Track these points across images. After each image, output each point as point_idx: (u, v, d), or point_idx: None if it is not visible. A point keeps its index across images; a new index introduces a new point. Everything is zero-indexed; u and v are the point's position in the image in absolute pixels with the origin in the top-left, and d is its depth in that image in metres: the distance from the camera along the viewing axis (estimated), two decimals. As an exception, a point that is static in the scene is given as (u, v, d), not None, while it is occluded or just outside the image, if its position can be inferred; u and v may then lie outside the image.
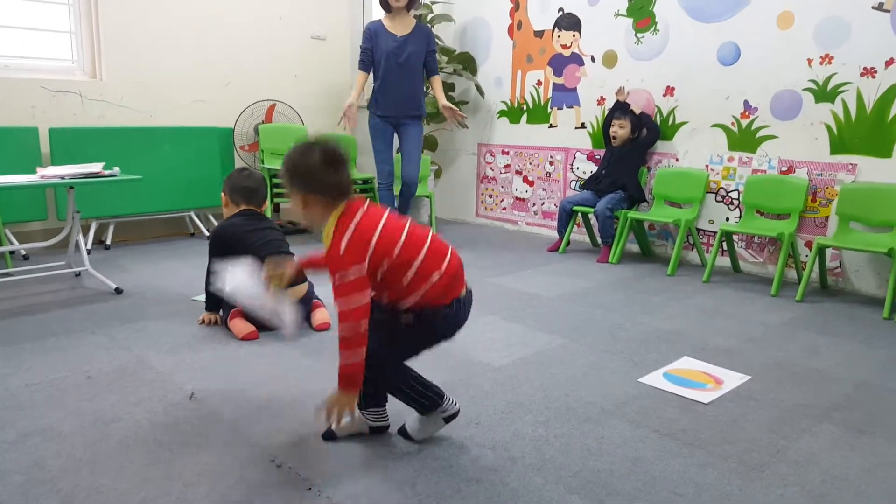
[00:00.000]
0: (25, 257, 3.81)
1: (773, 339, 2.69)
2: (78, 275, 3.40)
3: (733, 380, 2.25)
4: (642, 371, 2.31)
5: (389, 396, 1.79)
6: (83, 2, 4.19)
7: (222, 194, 2.78)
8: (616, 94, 4.24)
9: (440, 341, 1.69)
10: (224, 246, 2.62)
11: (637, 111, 4.15)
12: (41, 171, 3.00)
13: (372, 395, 1.77)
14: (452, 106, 4.13)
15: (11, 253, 3.64)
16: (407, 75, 4.06)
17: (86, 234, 4.01)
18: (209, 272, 2.67)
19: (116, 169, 3.09)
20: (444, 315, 1.63)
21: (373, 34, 4.04)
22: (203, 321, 2.73)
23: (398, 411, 1.83)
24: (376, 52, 4.04)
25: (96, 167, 3.07)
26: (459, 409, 1.79)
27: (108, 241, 4.16)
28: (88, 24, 4.22)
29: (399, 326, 1.63)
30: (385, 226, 1.60)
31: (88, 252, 3.32)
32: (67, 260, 3.32)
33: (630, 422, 1.92)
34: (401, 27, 4.05)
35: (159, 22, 4.39)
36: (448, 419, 1.76)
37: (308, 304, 2.72)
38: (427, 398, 1.72)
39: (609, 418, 1.94)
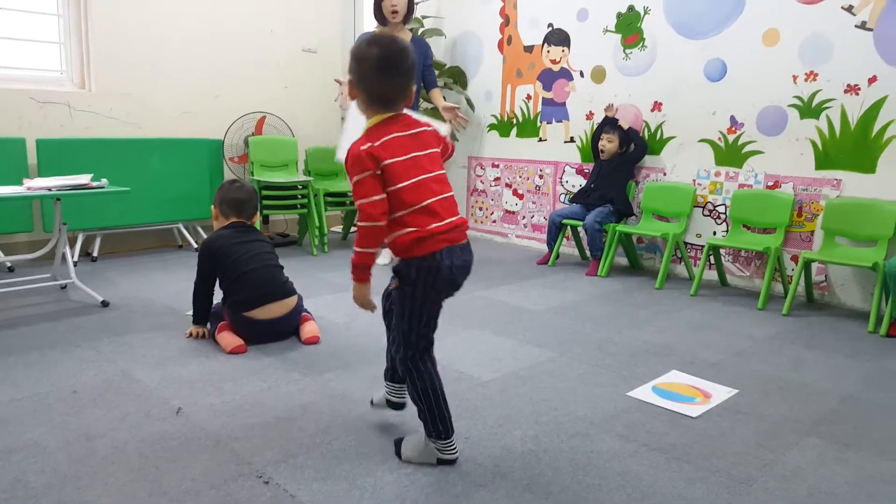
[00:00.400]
0: (11, 269, 3.77)
1: (760, 353, 2.71)
2: (64, 287, 3.37)
3: (721, 393, 2.26)
4: (631, 385, 2.31)
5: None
6: (73, 13, 4.19)
7: (213, 206, 2.77)
8: (605, 110, 4.28)
9: (432, 297, 1.66)
10: (212, 258, 2.61)
11: (625, 126, 4.19)
12: (28, 183, 2.98)
13: (394, 371, 1.87)
14: (454, 105, 3.90)
15: (-4, 265, 3.60)
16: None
17: (72, 246, 3.98)
18: (197, 285, 2.66)
19: (104, 181, 3.08)
20: (416, 266, 1.62)
21: None
22: (190, 335, 2.71)
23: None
24: None
25: (84, 179, 3.05)
26: (456, 459, 1.75)
27: (95, 254, 4.12)
28: (78, 35, 4.22)
29: (398, 300, 1.68)
30: (401, 161, 1.59)
31: (75, 264, 3.29)
32: (53, 272, 3.30)
33: (619, 436, 1.92)
34: None
35: (149, 33, 4.39)
36: (440, 462, 1.73)
37: (297, 316, 2.71)
38: (440, 422, 1.71)
39: (598, 433, 1.94)
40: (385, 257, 4.11)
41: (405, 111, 1.68)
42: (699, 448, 1.86)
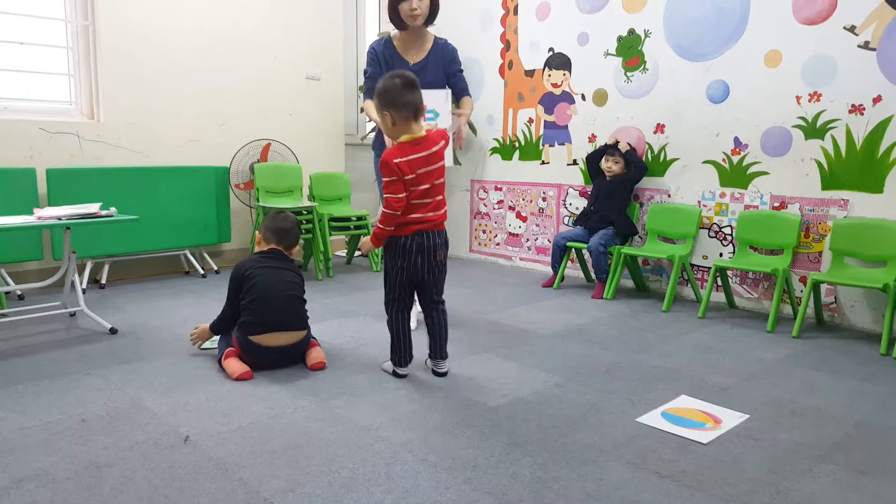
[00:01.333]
0: (21, 297, 3.79)
1: (770, 377, 2.69)
2: (73, 315, 3.38)
3: (732, 419, 2.24)
4: (640, 410, 2.29)
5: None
6: (82, 46, 4.26)
7: (257, 233, 2.89)
8: (618, 144, 4.27)
9: (403, 266, 2.45)
10: (238, 280, 2.66)
11: (623, 149, 4.21)
12: (38, 212, 3.00)
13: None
14: (466, 134, 3.43)
15: (7, 293, 3.62)
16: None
17: (81, 273, 4.00)
18: (225, 308, 2.71)
19: (113, 209, 3.10)
20: (400, 243, 2.42)
21: (380, 58, 3.24)
22: (194, 334, 2.85)
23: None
24: None
25: (93, 208, 3.08)
26: (406, 376, 2.57)
27: (104, 280, 4.14)
28: (87, 67, 4.28)
29: (385, 264, 2.52)
30: (420, 173, 2.35)
31: (84, 291, 3.31)
32: (63, 300, 3.31)
33: (629, 463, 1.90)
34: (415, 50, 3.27)
35: (155, 64, 4.46)
36: (394, 374, 2.58)
37: (304, 345, 2.71)
38: (396, 353, 2.57)
39: (608, 460, 1.92)
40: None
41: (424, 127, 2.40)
42: (711, 475, 1.84)
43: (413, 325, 3.48)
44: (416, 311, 3.29)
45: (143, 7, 4.35)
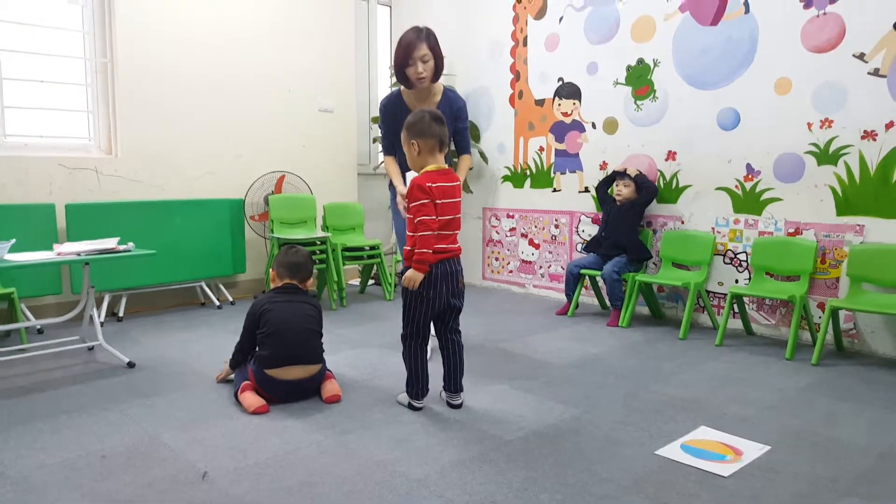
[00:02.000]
0: (40, 331, 3.83)
1: (791, 407, 2.65)
2: (91, 349, 3.41)
3: (753, 451, 2.21)
4: (659, 443, 2.27)
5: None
6: (101, 83, 4.36)
7: (271, 270, 2.91)
8: (627, 170, 4.29)
9: (430, 295, 2.47)
10: (255, 315, 2.68)
11: (633, 174, 4.22)
12: (58, 248, 3.05)
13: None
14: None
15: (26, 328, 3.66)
16: None
17: (99, 307, 4.04)
18: (240, 342, 2.74)
19: (131, 244, 3.14)
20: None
21: (390, 111, 3.31)
22: (220, 378, 2.90)
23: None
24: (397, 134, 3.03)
25: (111, 242, 3.13)
26: (421, 409, 2.59)
27: (121, 314, 4.19)
28: (105, 104, 4.38)
29: (405, 296, 2.54)
30: (447, 203, 2.45)
31: (102, 324, 3.34)
32: (81, 334, 3.35)
33: (649, 498, 1.88)
34: (424, 103, 3.29)
35: (172, 99, 4.55)
36: (410, 406, 2.60)
37: (319, 378, 2.71)
38: (414, 387, 2.59)
39: (627, 495, 1.90)
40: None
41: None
42: (733, 510, 1.81)
43: (428, 355, 3.53)
44: (431, 342, 3.21)
45: (160, 45, 4.46)
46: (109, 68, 4.35)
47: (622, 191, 4.22)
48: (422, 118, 2.48)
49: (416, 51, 3.11)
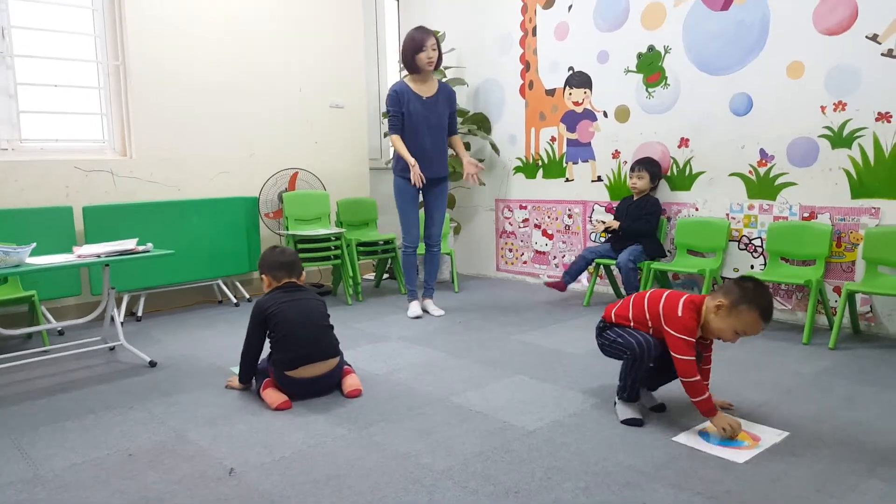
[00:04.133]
0: (61, 333, 3.89)
1: (809, 391, 2.65)
2: (112, 349, 3.46)
3: (771, 436, 2.22)
4: (677, 430, 2.28)
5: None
6: (114, 85, 4.40)
7: (262, 276, 2.83)
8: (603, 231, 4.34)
9: None
10: (263, 318, 2.67)
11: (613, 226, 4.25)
12: (77, 250, 3.09)
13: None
14: (477, 162, 4.06)
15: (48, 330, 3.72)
16: (436, 137, 4.00)
17: (118, 307, 4.10)
18: (246, 345, 2.72)
19: (150, 245, 3.18)
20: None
21: (400, 96, 3.94)
22: (230, 385, 2.83)
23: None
24: (405, 115, 3.95)
25: (130, 244, 3.17)
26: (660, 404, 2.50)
27: (140, 313, 4.24)
28: (119, 106, 4.42)
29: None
30: None
31: (122, 324, 3.39)
32: (103, 334, 3.40)
33: (671, 485, 1.89)
34: (426, 88, 4.00)
35: (185, 100, 4.59)
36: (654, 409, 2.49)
37: (338, 372, 2.74)
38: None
39: (650, 482, 1.92)
40: (416, 310, 4.15)
41: None
42: (754, 495, 1.83)
43: (418, 313, 4.13)
44: (418, 302, 4.18)
45: (171, 46, 4.49)
46: (122, 71, 4.38)
47: (636, 183, 4.21)
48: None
49: (429, 39, 3.89)
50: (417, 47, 3.87)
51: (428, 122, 3.99)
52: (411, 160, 3.86)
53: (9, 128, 4.03)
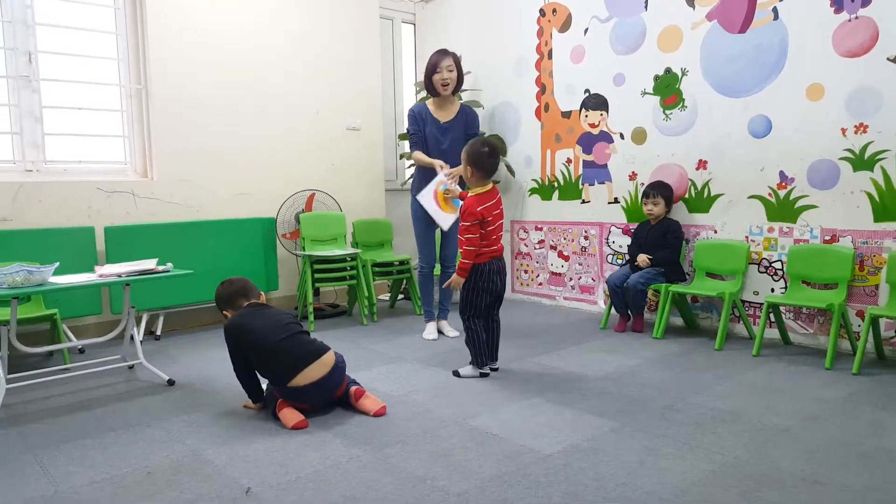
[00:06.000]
0: (81, 351, 3.93)
1: (833, 417, 2.60)
2: (132, 367, 3.49)
3: (796, 461, 2.17)
4: (699, 455, 2.24)
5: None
6: (136, 108, 4.49)
7: (223, 313, 2.85)
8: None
9: (486, 287, 3.20)
10: (237, 339, 2.69)
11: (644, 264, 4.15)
12: (99, 270, 3.14)
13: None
14: (453, 172, 3.85)
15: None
16: (448, 161, 3.94)
17: (138, 325, 4.13)
18: (235, 369, 2.75)
19: (169, 265, 3.22)
20: (481, 269, 3.17)
21: (419, 118, 4.05)
22: (247, 405, 2.84)
23: None
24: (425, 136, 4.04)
25: (150, 263, 3.21)
26: (489, 374, 3.25)
27: (159, 332, 4.27)
28: (140, 128, 4.50)
29: (467, 289, 3.20)
30: (493, 215, 3.17)
31: (141, 343, 3.42)
32: (122, 353, 3.43)
33: (693, 512, 1.86)
34: (445, 112, 4.07)
35: (205, 122, 4.66)
36: (481, 374, 3.23)
37: (340, 371, 2.75)
38: (480, 357, 3.22)
39: (671, 508, 1.88)
40: (432, 332, 4.15)
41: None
42: (780, 523, 1.79)
43: (434, 335, 4.17)
44: (434, 324, 4.25)
45: (192, 70, 4.58)
46: (144, 94, 4.47)
47: (653, 210, 4.18)
48: (481, 153, 3.12)
49: (444, 60, 3.96)
50: (432, 69, 3.96)
51: (440, 147, 4.04)
52: (436, 162, 3.91)
53: (34, 150, 4.11)
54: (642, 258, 4.14)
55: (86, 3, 4.28)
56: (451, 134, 4.06)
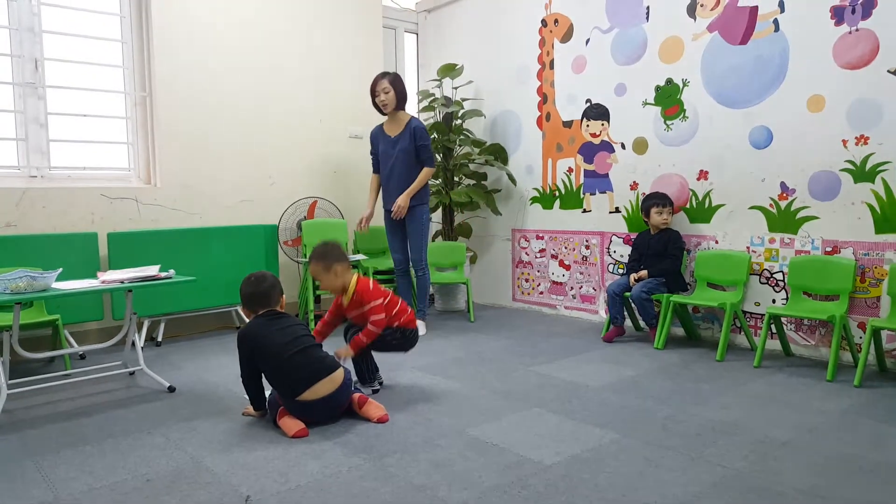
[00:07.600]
0: (83, 357, 3.93)
1: (834, 430, 2.60)
2: (132, 374, 3.49)
3: (798, 475, 2.17)
4: (700, 466, 2.24)
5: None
6: (140, 116, 4.51)
7: (242, 309, 2.84)
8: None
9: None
10: (249, 348, 2.68)
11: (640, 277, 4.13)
12: (102, 276, 3.15)
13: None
14: (402, 205, 4.33)
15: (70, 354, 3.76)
16: (400, 170, 4.37)
17: (139, 332, 4.13)
18: (243, 376, 2.74)
19: (172, 271, 3.23)
20: (413, 333, 3.24)
21: (374, 138, 4.53)
22: (247, 413, 2.83)
23: None
24: (378, 154, 4.51)
25: (153, 270, 3.21)
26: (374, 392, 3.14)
27: (160, 338, 4.28)
28: (144, 136, 4.53)
29: (386, 338, 3.12)
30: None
31: (142, 349, 3.42)
32: (123, 359, 3.43)
33: (693, 524, 1.85)
34: (394, 127, 4.42)
35: (209, 130, 4.69)
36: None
37: (347, 389, 2.75)
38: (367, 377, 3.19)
39: (671, 520, 1.88)
40: (422, 328, 4.35)
41: None
42: (780, 536, 1.78)
43: (423, 331, 4.31)
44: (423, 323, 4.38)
45: (196, 79, 4.60)
46: (148, 102, 4.50)
47: (667, 219, 4.15)
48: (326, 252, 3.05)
49: (379, 84, 4.31)
50: (371, 93, 4.36)
51: (390, 159, 4.40)
52: (366, 211, 4.57)
53: (39, 156, 4.14)
54: (640, 275, 4.12)
55: (92, 11, 4.31)
56: (399, 145, 4.38)
